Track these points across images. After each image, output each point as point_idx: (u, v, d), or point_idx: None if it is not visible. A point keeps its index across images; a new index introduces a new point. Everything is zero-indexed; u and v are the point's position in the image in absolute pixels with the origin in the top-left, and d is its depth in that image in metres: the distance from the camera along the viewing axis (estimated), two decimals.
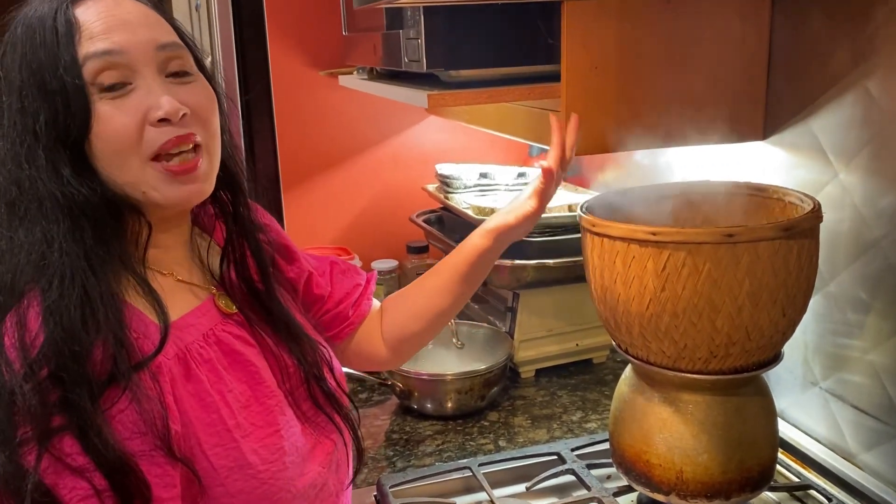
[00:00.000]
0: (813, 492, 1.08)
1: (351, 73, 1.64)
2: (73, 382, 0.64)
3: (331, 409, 0.85)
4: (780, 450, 1.06)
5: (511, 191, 1.70)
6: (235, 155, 0.85)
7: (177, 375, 0.73)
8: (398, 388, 1.37)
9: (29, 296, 0.66)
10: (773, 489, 1.08)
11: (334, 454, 0.84)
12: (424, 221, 1.74)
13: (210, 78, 0.79)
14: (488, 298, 1.60)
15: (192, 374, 0.74)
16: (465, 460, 1.18)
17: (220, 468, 0.72)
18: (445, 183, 1.72)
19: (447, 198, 1.68)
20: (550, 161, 1.00)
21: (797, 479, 1.10)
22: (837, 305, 1.08)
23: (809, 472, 1.11)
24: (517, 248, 1.35)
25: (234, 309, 0.83)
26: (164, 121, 0.71)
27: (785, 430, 1.17)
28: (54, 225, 0.68)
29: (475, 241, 1.02)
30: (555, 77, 1.06)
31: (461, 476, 1.15)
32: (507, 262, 1.42)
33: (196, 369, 0.75)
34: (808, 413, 1.16)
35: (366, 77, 1.50)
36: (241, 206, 0.85)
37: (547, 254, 1.42)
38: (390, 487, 1.11)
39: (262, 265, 0.87)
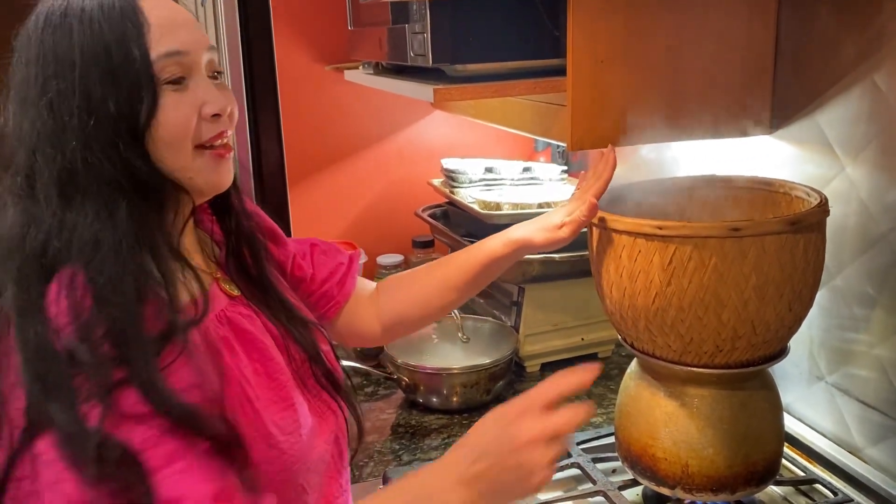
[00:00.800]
0: (818, 486, 1.08)
1: (356, 67, 1.63)
2: (130, 340, 0.66)
3: (331, 388, 0.89)
4: (785, 444, 1.07)
5: (516, 185, 1.70)
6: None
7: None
8: (404, 382, 1.37)
9: (66, 270, 0.68)
10: (778, 483, 1.08)
11: (336, 431, 0.88)
12: (430, 216, 1.74)
13: None
14: (494, 293, 1.60)
15: (212, 350, 0.77)
16: None
17: (246, 437, 0.74)
18: (451, 178, 1.72)
19: (453, 192, 1.68)
20: (595, 194, 0.99)
21: (803, 474, 1.10)
22: (844, 300, 1.08)
23: (815, 466, 1.11)
24: None
25: (237, 292, 0.87)
26: (216, 116, 0.78)
27: (791, 424, 1.17)
28: (110, 204, 0.71)
29: (494, 247, 1.05)
30: (561, 71, 1.06)
31: None
32: None
33: (216, 345, 0.77)
34: (813, 407, 1.16)
35: (371, 72, 1.50)
36: (234, 198, 0.90)
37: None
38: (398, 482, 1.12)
39: (256, 251, 0.91)
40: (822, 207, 0.91)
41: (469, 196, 1.63)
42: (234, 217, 0.90)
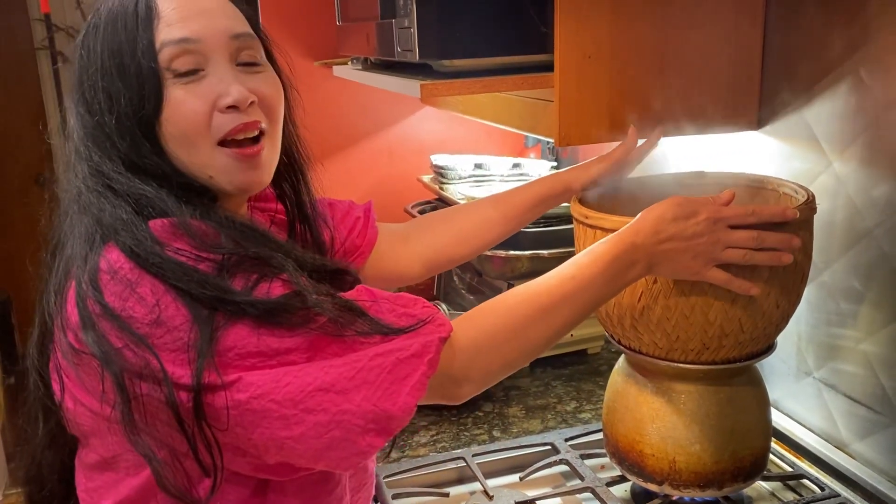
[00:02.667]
0: (806, 481, 1.08)
1: (345, 63, 1.63)
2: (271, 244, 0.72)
3: None
4: (773, 439, 1.07)
5: (506, 181, 1.70)
6: (299, 143, 0.91)
7: None
8: None
9: (160, 220, 0.70)
10: (766, 479, 1.08)
11: None
12: (419, 212, 1.74)
13: (279, 69, 0.83)
14: (482, 289, 1.60)
15: None
16: (459, 451, 1.18)
17: None
18: (440, 174, 1.72)
19: (442, 189, 1.68)
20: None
21: (790, 469, 1.11)
22: (831, 295, 1.08)
23: (802, 461, 1.11)
24: (511, 239, 1.35)
25: None
26: (232, 108, 0.73)
27: (778, 419, 1.17)
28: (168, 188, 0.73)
29: (539, 190, 1.10)
30: (548, 67, 1.06)
31: (455, 466, 1.15)
32: (502, 252, 1.41)
33: None
34: (801, 403, 1.17)
35: (360, 67, 1.50)
36: (303, 194, 0.91)
37: (541, 244, 1.41)
38: (385, 478, 1.12)
39: (320, 251, 0.93)
40: (810, 205, 0.91)
41: (459, 192, 1.63)
42: (302, 214, 0.92)
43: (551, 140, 1.10)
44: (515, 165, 1.73)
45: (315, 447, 0.66)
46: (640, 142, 1.08)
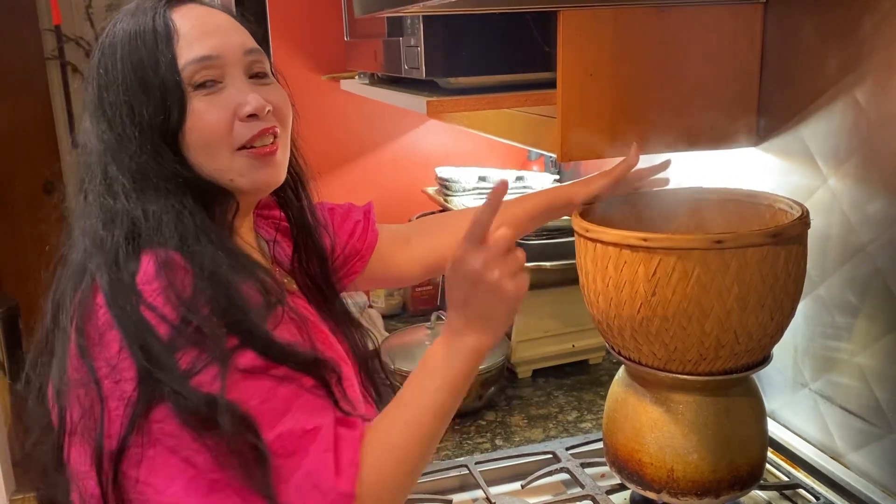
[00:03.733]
0: (801, 491, 1.10)
1: (352, 77, 1.66)
2: (241, 309, 0.70)
3: (371, 396, 0.93)
4: (769, 449, 1.09)
5: (509, 194, 1.72)
6: (299, 154, 0.94)
7: None
8: (397, 388, 1.39)
9: (158, 250, 0.71)
10: (762, 488, 1.10)
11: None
12: None
13: (280, 82, 0.87)
14: None
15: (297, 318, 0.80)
16: (462, 458, 1.21)
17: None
18: (445, 186, 1.74)
19: (446, 200, 1.70)
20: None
21: (786, 479, 1.13)
22: (827, 309, 1.10)
23: (798, 471, 1.13)
24: None
25: (295, 287, 0.92)
26: (252, 116, 0.79)
27: (775, 430, 1.19)
28: (179, 201, 0.75)
29: (539, 203, 1.13)
30: (551, 84, 1.09)
31: (458, 474, 1.17)
32: None
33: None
34: (797, 414, 1.19)
35: (367, 82, 1.53)
36: (304, 200, 0.94)
37: (544, 256, 1.44)
38: None
39: (321, 256, 0.96)
40: (803, 220, 0.93)
41: (463, 204, 1.65)
42: (303, 221, 0.94)
43: (554, 155, 1.13)
44: (519, 178, 1.76)
45: None
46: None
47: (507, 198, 0.82)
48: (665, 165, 1.14)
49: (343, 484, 0.69)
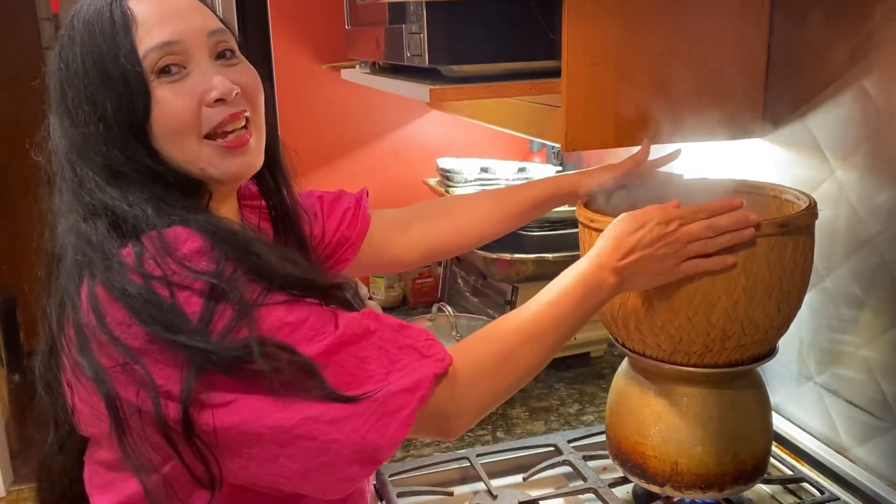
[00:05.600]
0: (806, 485, 1.09)
1: (354, 66, 1.64)
2: (253, 256, 0.70)
3: None
4: (774, 443, 1.08)
5: (511, 185, 1.71)
6: (275, 138, 0.90)
7: None
8: None
9: (150, 233, 0.70)
10: (766, 482, 1.10)
11: None
12: None
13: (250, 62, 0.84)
14: (487, 292, 1.62)
15: None
16: (463, 451, 1.20)
17: None
18: (446, 177, 1.73)
19: (448, 192, 1.69)
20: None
21: (790, 472, 1.12)
22: (833, 301, 1.09)
23: (803, 465, 1.13)
24: (516, 242, 1.36)
25: None
26: (219, 101, 0.76)
27: (779, 423, 1.18)
28: (155, 188, 0.73)
29: (540, 192, 1.12)
30: (556, 73, 1.07)
31: (459, 466, 1.17)
32: (507, 255, 1.43)
33: None
34: (802, 407, 1.18)
35: (368, 71, 1.51)
36: (282, 185, 0.92)
37: (546, 248, 1.43)
38: (389, 476, 1.13)
39: (301, 242, 0.94)
40: (811, 211, 0.92)
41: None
42: (283, 207, 0.92)
43: (557, 145, 1.12)
44: (521, 169, 1.75)
45: (304, 468, 0.68)
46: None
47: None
48: (675, 155, 1.12)
49: (437, 350, 0.73)
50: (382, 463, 0.71)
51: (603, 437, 1.11)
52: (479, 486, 1.12)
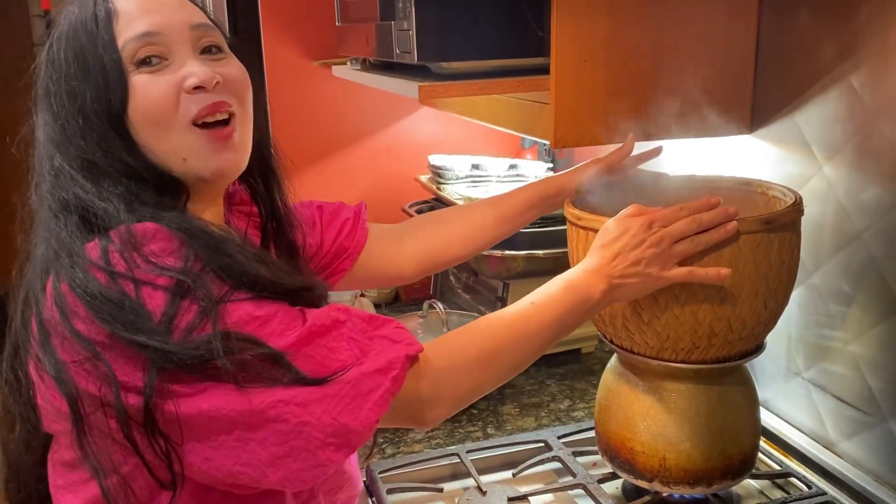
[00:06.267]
0: (794, 479, 1.10)
1: (344, 63, 1.64)
2: (220, 254, 0.70)
3: None
4: (762, 438, 1.09)
5: (502, 182, 1.72)
6: (270, 139, 0.91)
7: None
8: None
9: (119, 227, 0.69)
10: (754, 477, 1.10)
11: None
12: (417, 212, 1.75)
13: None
14: (478, 288, 1.62)
15: None
16: (453, 447, 1.20)
17: None
18: (438, 174, 1.73)
19: (439, 189, 1.69)
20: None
21: (778, 467, 1.12)
22: (821, 297, 1.10)
23: (790, 460, 1.13)
24: (507, 239, 1.36)
25: None
26: (199, 88, 0.74)
27: (767, 419, 1.19)
28: (130, 184, 0.73)
29: (530, 197, 1.12)
30: (545, 69, 1.07)
31: (449, 462, 1.17)
32: (498, 252, 1.43)
33: None
34: (790, 403, 1.18)
35: (359, 68, 1.51)
36: (275, 192, 0.91)
37: (537, 245, 1.43)
38: (379, 473, 1.13)
39: (291, 250, 0.93)
40: (797, 207, 0.92)
41: (456, 192, 1.64)
42: (275, 213, 0.91)
43: (547, 142, 1.12)
44: (512, 166, 1.75)
45: (274, 454, 0.67)
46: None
47: (501, 187, 0.82)
48: (656, 152, 1.13)
49: (407, 336, 0.73)
50: (356, 448, 0.70)
51: (593, 434, 1.11)
52: (469, 482, 1.12)
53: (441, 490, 1.13)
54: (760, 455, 1.11)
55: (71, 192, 0.72)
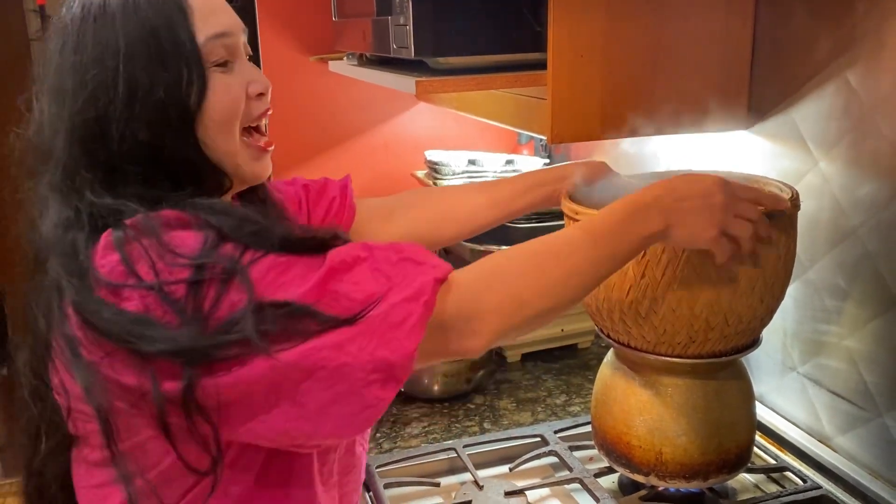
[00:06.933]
0: (789, 474, 1.10)
1: (341, 58, 1.64)
2: (248, 223, 0.69)
3: None
4: (757, 433, 1.09)
5: (499, 178, 1.71)
6: None
7: None
8: None
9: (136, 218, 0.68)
10: (750, 471, 1.11)
11: None
12: None
13: None
14: None
15: None
16: (450, 442, 1.20)
17: None
18: (434, 169, 1.73)
19: (436, 184, 1.69)
20: None
21: (774, 462, 1.13)
22: (816, 292, 1.10)
23: (786, 454, 1.14)
24: (504, 235, 1.37)
25: None
26: (260, 95, 0.79)
27: (763, 413, 1.19)
28: (152, 191, 0.71)
29: (529, 184, 1.09)
30: (542, 65, 1.07)
31: (446, 457, 1.17)
32: (494, 247, 1.43)
33: None
34: (786, 397, 1.19)
35: (355, 63, 1.51)
36: (262, 189, 0.92)
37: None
38: (377, 468, 1.13)
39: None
40: (793, 202, 0.93)
41: None
42: (248, 194, 0.90)
43: (544, 137, 1.12)
44: (508, 162, 1.75)
45: (322, 402, 0.65)
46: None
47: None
48: None
49: (434, 258, 0.70)
50: (402, 382, 0.67)
51: (589, 428, 1.11)
52: (466, 476, 1.12)
53: (438, 484, 1.13)
54: (756, 449, 1.11)
55: (86, 196, 0.70)
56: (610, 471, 1.10)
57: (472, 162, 1.73)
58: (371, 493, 1.10)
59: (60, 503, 0.78)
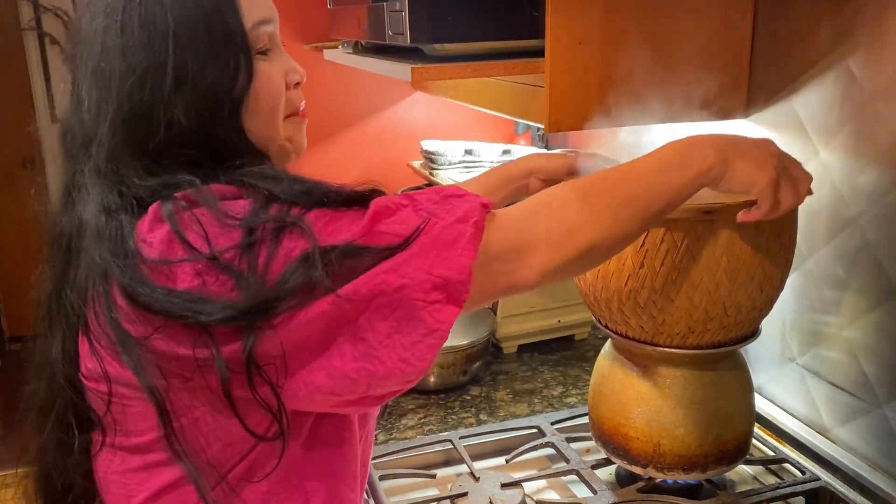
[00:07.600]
0: (788, 465, 1.10)
1: (336, 47, 1.62)
2: (300, 185, 0.68)
3: None
4: (756, 424, 1.08)
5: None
6: None
7: None
8: None
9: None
10: (748, 462, 1.10)
11: None
12: None
13: None
14: None
15: None
16: (446, 433, 1.19)
17: None
18: (430, 159, 1.72)
19: (432, 174, 1.68)
20: None
21: (772, 453, 1.12)
22: (815, 282, 1.09)
23: (785, 446, 1.13)
24: None
25: None
26: (297, 84, 0.79)
27: (762, 405, 1.19)
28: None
29: (508, 173, 1.06)
30: (539, 52, 1.06)
31: (443, 448, 1.16)
32: None
33: None
34: (785, 388, 1.18)
35: (350, 51, 1.49)
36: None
37: None
38: (372, 459, 1.12)
39: None
40: None
41: (448, 178, 1.63)
42: None
43: (541, 126, 1.11)
44: (505, 152, 1.74)
45: (387, 329, 0.64)
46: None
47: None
48: None
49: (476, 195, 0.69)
50: (462, 301, 0.66)
51: (586, 419, 1.11)
52: (462, 468, 1.12)
53: (434, 476, 1.12)
54: (754, 441, 1.11)
55: (129, 180, 0.69)
56: (607, 462, 1.09)
57: (468, 152, 1.72)
58: (367, 485, 1.09)
59: (79, 491, 0.77)
